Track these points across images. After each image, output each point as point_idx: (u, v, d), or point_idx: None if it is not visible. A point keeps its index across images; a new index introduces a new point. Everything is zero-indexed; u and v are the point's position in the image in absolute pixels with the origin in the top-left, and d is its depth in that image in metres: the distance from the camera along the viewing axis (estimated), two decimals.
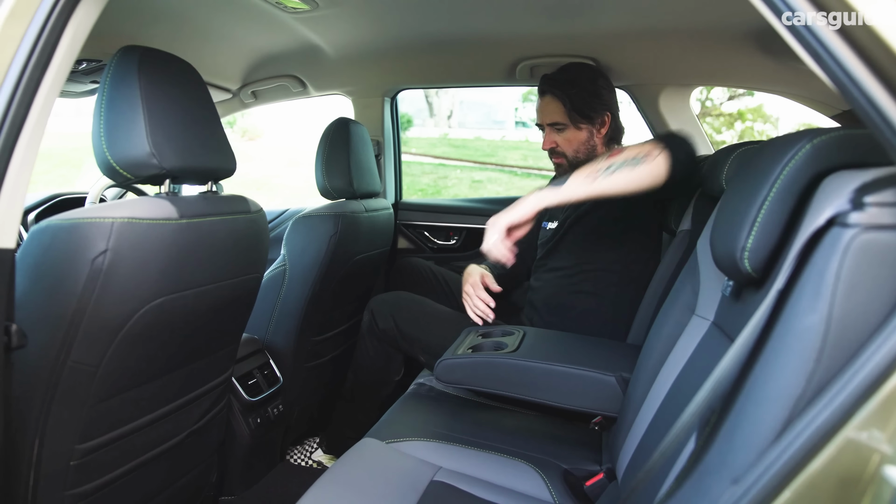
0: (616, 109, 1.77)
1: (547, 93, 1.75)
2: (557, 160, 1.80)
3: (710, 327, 1.02)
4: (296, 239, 1.81)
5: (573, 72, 1.75)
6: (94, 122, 0.99)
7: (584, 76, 1.73)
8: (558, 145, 1.76)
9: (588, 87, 1.71)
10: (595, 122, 1.72)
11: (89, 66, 1.80)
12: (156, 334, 1.02)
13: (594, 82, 1.73)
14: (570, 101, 1.70)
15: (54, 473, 0.96)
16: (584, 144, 1.74)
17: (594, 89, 1.71)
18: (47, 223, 0.90)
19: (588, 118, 1.71)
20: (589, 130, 1.73)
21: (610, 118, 1.73)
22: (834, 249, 0.57)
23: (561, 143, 1.75)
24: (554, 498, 1.20)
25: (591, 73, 1.76)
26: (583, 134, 1.73)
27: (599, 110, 1.72)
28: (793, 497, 0.53)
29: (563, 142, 1.75)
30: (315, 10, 1.66)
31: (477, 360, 1.34)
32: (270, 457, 1.83)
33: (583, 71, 1.76)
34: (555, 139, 1.76)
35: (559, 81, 1.73)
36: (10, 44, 0.71)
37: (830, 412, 0.53)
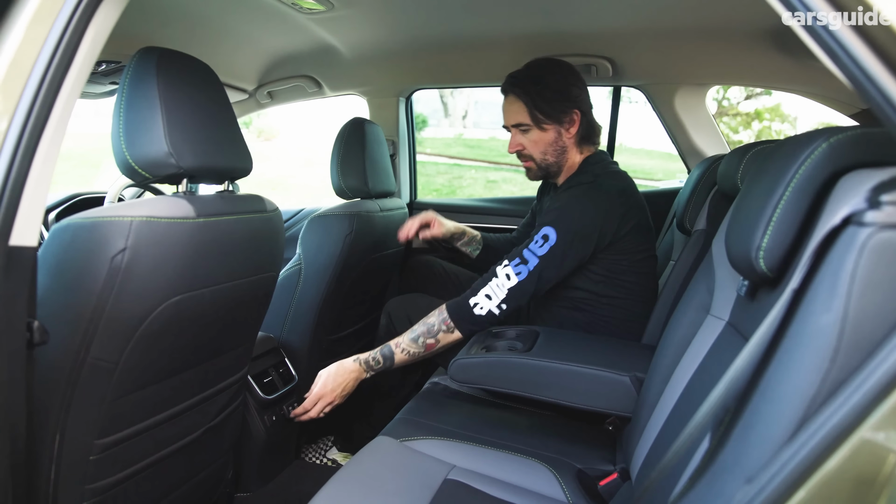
0: (588, 107, 1.65)
1: (509, 92, 1.65)
2: (526, 164, 1.71)
3: (725, 327, 1.01)
4: (311, 238, 1.83)
5: (537, 68, 1.63)
6: (114, 122, 1.01)
7: (548, 73, 1.61)
8: (525, 148, 1.67)
9: (553, 84, 1.59)
10: (563, 122, 1.61)
11: (108, 68, 1.83)
12: (173, 331, 1.03)
13: (560, 79, 1.60)
14: (532, 99, 1.60)
15: (74, 467, 0.98)
16: (552, 146, 1.64)
17: (560, 86, 1.59)
18: (68, 222, 0.92)
19: (553, 118, 1.61)
20: (556, 130, 1.62)
21: (580, 116, 1.62)
22: (849, 248, 0.56)
23: (527, 145, 1.66)
24: (568, 497, 1.20)
25: (558, 68, 1.62)
26: (549, 135, 1.63)
27: (567, 109, 1.60)
28: (807, 497, 0.53)
29: (530, 144, 1.65)
30: (330, 10, 1.67)
31: (491, 360, 1.35)
32: (285, 454, 1.85)
33: (548, 67, 1.63)
34: (520, 141, 1.67)
35: (521, 79, 1.62)
36: (34, 45, 0.73)
37: (845, 412, 0.53)
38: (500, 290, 1.47)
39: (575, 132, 1.63)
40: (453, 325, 1.51)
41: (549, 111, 1.60)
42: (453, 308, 1.53)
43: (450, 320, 1.52)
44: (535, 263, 1.46)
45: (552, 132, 1.62)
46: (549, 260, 1.46)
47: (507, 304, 1.47)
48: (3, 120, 0.72)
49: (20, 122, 0.72)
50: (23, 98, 0.72)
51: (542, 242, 1.47)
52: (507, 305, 1.47)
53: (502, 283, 1.47)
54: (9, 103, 0.72)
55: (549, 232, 1.47)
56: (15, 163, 0.71)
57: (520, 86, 1.61)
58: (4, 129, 0.72)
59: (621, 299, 1.59)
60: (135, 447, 1.09)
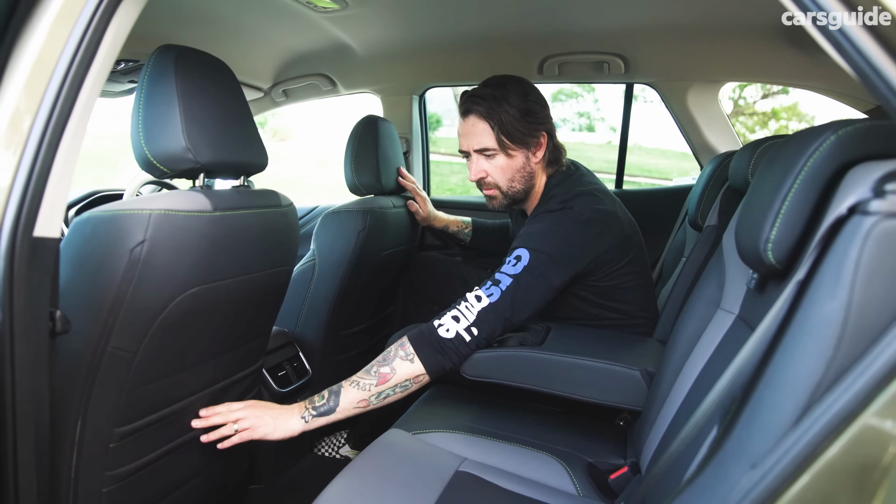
0: (552, 127, 1.53)
1: (471, 112, 1.50)
2: (489, 192, 1.58)
3: (735, 321, 1.02)
4: (325, 234, 1.85)
5: (499, 87, 1.48)
6: (133, 119, 1.03)
7: (512, 91, 1.47)
8: (488, 174, 1.54)
9: (518, 103, 1.46)
10: (530, 146, 1.50)
11: (127, 67, 1.86)
12: (190, 323, 1.06)
13: (525, 98, 1.47)
14: (499, 123, 1.46)
15: (95, 454, 1.01)
16: (520, 172, 1.52)
17: (526, 106, 1.47)
18: (89, 215, 0.94)
19: (520, 141, 1.48)
20: (524, 155, 1.51)
21: (546, 138, 1.51)
22: (854, 237, 0.57)
23: (492, 171, 1.53)
24: (578, 490, 1.21)
25: (521, 87, 1.49)
26: (517, 160, 1.51)
27: (533, 131, 1.49)
28: (810, 482, 0.54)
29: (495, 170, 1.52)
30: (344, 9, 1.69)
31: (502, 354, 1.35)
32: (299, 448, 1.87)
33: (511, 85, 1.48)
34: (483, 168, 1.53)
35: (485, 99, 1.47)
36: (57, 45, 0.75)
37: (849, 399, 0.53)
38: (470, 313, 1.31)
39: (542, 156, 1.53)
40: (412, 350, 1.30)
41: (517, 134, 1.47)
42: (414, 334, 1.32)
43: (408, 344, 1.31)
44: (509, 283, 1.33)
45: (520, 157, 1.51)
46: (523, 279, 1.34)
47: (478, 328, 1.30)
48: (27, 117, 0.74)
49: (43, 119, 0.74)
50: (46, 96, 0.74)
51: (515, 262, 1.35)
52: (479, 330, 1.30)
53: (472, 304, 1.32)
54: (33, 101, 0.74)
55: (522, 252, 1.37)
56: (39, 158, 0.74)
57: (483, 105, 1.47)
58: (28, 126, 0.74)
59: (620, 317, 1.56)
60: (152, 436, 1.12)
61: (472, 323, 1.30)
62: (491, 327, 1.31)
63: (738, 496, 0.57)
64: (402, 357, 1.30)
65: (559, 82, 2.05)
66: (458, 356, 1.30)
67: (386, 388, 1.28)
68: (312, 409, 1.28)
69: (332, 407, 1.27)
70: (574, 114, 12.36)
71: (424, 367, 1.29)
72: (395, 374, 1.28)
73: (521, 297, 1.33)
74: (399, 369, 1.29)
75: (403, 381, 1.29)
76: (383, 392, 1.29)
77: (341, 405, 1.27)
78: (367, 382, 1.29)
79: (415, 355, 1.29)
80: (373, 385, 1.28)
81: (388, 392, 1.29)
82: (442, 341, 1.29)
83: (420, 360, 1.29)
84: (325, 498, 1.05)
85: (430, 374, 1.30)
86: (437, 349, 1.30)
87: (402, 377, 1.29)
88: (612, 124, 11.29)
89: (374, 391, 1.28)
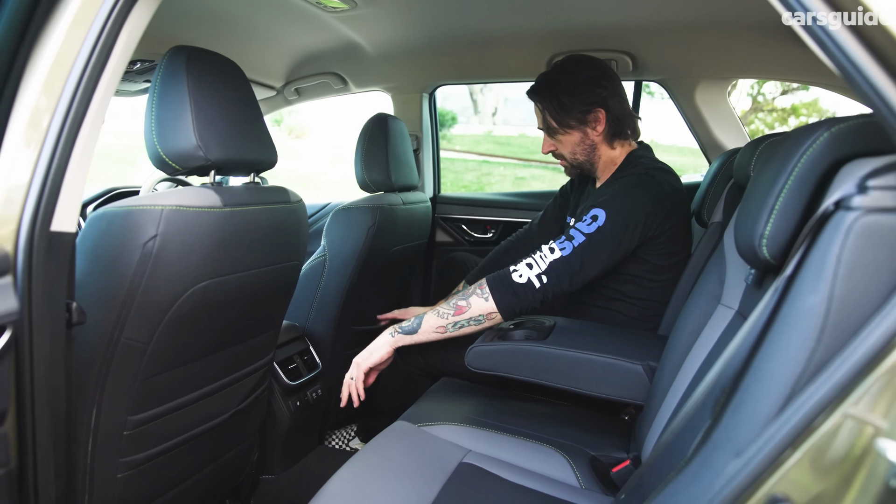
0: (615, 101, 1.59)
1: (531, 97, 1.67)
2: (561, 162, 1.73)
3: (735, 316, 1.03)
4: (335, 230, 1.88)
5: (557, 71, 1.62)
6: (146, 117, 1.07)
7: (568, 74, 1.58)
8: (556, 148, 1.68)
9: (571, 87, 1.57)
10: (586, 122, 1.60)
11: (143, 66, 1.90)
12: (201, 316, 1.09)
13: (580, 79, 1.57)
14: (549, 106, 1.60)
15: (109, 441, 1.05)
16: (580, 146, 1.64)
17: (579, 89, 1.56)
18: (104, 210, 0.98)
19: (575, 119, 1.59)
20: (581, 131, 1.61)
21: (605, 114, 1.58)
22: (837, 232, 0.58)
23: (557, 145, 1.67)
24: (580, 483, 1.23)
25: (579, 67, 1.59)
26: (575, 136, 1.62)
27: (585, 110, 1.58)
28: (791, 470, 0.56)
29: (559, 145, 1.67)
30: (354, 8, 1.71)
31: (506, 348, 1.37)
32: (309, 439, 1.91)
33: (569, 68, 1.60)
34: (552, 142, 1.68)
35: (539, 85, 1.64)
36: (73, 46, 0.78)
37: (828, 389, 0.55)
38: (542, 262, 1.39)
39: (602, 130, 1.60)
40: (488, 290, 1.41)
41: (568, 115, 1.59)
42: (492, 276, 1.43)
43: (485, 284, 1.42)
44: (581, 241, 1.40)
45: (577, 133, 1.61)
46: (595, 240, 1.40)
47: (547, 276, 1.38)
48: (45, 116, 0.77)
49: (60, 117, 0.77)
50: (63, 95, 0.78)
51: (591, 222, 1.42)
52: (548, 279, 1.38)
53: (545, 255, 1.40)
54: (51, 101, 0.77)
55: (599, 213, 1.42)
56: (56, 155, 0.77)
57: (538, 92, 1.63)
58: (46, 124, 0.77)
59: (658, 304, 1.58)
60: (166, 425, 1.15)
61: (543, 271, 1.38)
62: (558, 278, 1.39)
63: (722, 482, 0.59)
64: (478, 294, 1.41)
65: None
66: (527, 300, 1.39)
67: (462, 318, 1.41)
68: (399, 328, 1.46)
69: (415, 328, 1.44)
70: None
71: (497, 306, 1.39)
72: (471, 308, 1.40)
73: (591, 255, 1.40)
74: (474, 304, 1.40)
75: (477, 316, 1.41)
76: (459, 322, 1.42)
77: (423, 327, 1.44)
78: (446, 311, 1.42)
79: (489, 294, 1.40)
80: (450, 314, 1.42)
81: (464, 323, 1.42)
82: (514, 285, 1.39)
83: (493, 299, 1.39)
84: (330, 487, 1.08)
85: (502, 314, 1.40)
86: (509, 291, 1.39)
87: (476, 312, 1.40)
88: None
89: (450, 320, 1.42)
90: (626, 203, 1.43)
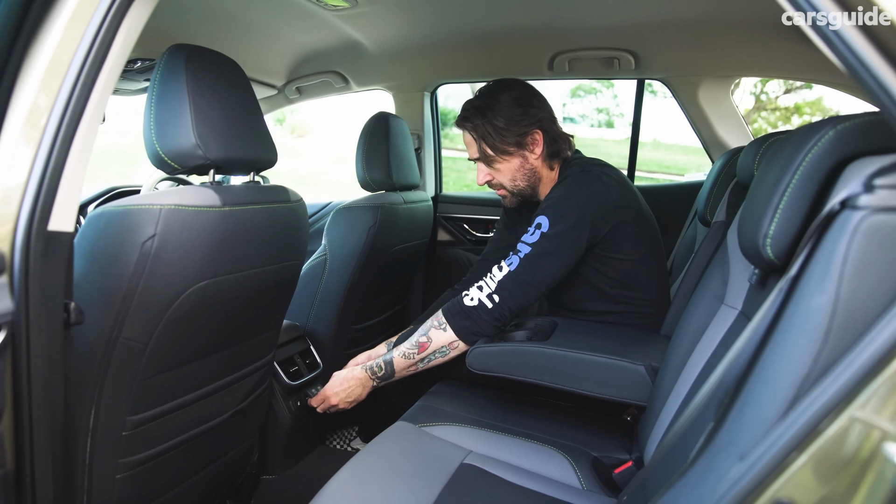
0: (549, 121, 1.55)
1: (462, 126, 1.58)
2: (499, 192, 1.65)
3: (738, 316, 1.02)
4: (336, 229, 1.87)
5: (486, 96, 1.54)
6: (145, 116, 1.06)
7: (497, 99, 1.51)
8: (493, 177, 1.60)
9: (504, 110, 1.50)
10: (524, 146, 1.54)
11: (143, 65, 1.90)
12: (200, 315, 1.08)
13: (512, 101, 1.51)
14: (483, 133, 1.53)
15: (108, 441, 1.04)
16: (520, 171, 1.57)
17: (512, 111, 1.50)
18: (102, 210, 0.97)
19: (511, 145, 1.53)
20: (520, 155, 1.55)
21: (542, 135, 1.53)
22: (843, 231, 0.57)
23: (494, 174, 1.59)
24: (582, 484, 1.22)
25: (507, 89, 1.53)
26: (514, 161, 1.56)
27: (524, 132, 1.52)
28: (796, 474, 0.55)
29: (497, 173, 1.59)
30: (355, 7, 1.71)
31: (508, 349, 1.36)
32: (310, 439, 1.90)
33: (497, 91, 1.53)
34: (486, 172, 1.60)
35: (469, 112, 1.54)
36: (71, 44, 0.77)
37: (835, 391, 0.54)
38: (492, 282, 1.40)
39: (540, 152, 1.55)
40: (444, 320, 1.43)
41: (505, 141, 1.52)
42: (446, 305, 1.46)
43: (441, 315, 1.44)
44: (527, 252, 1.39)
45: (516, 158, 1.55)
46: (542, 246, 1.39)
47: (499, 295, 1.38)
48: (43, 115, 0.77)
49: (58, 115, 0.77)
50: (60, 93, 0.77)
51: (534, 230, 1.41)
52: (500, 297, 1.38)
53: (494, 275, 1.41)
54: (48, 99, 0.77)
55: (542, 220, 1.41)
56: (53, 154, 0.76)
57: (469, 120, 1.55)
58: (44, 123, 0.77)
59: (634, 303, 1.56)
60: (165, 425, 1.15)
61: (493, 290, 1.40)
62: (511, 293, 1.39)
63: (726, 486, 0.58)
64: (435, 327, 1.44)
65: (570, 78, 2.04)
66: (483, 322, 1.40)
67: (426, 354, 1.44)
68: (376, 379, 1.52)
69: (390, 373, 1.50)
70: (593, 110, 12.30)
71: (456, 334, 1.42)
72: (432, 342, 1.43)
73: (540, 263, 1.39)
74: (434, 338, 1.43)
75: (440, 348, 1.44)
76: (425, 357, 1.45)
77: (397, 372, 1.49)
78: (411, 352, 1.46)
79: (446, 324, 1.43)
80: (415, 353, 1.45)
81: (430, 357, 1.45)
82: (467, 309, 1.41)
83: (451, 328, 1.42)
84: (330, 487, 1.07)
85: (462, 340, 1.42)
86: (464, 316, 1.41)
87: (438, 344, 1.43)
88: (630, 120, 11.25)
89: (416, 358, 1.45)
90: (568, 203, 1.42)
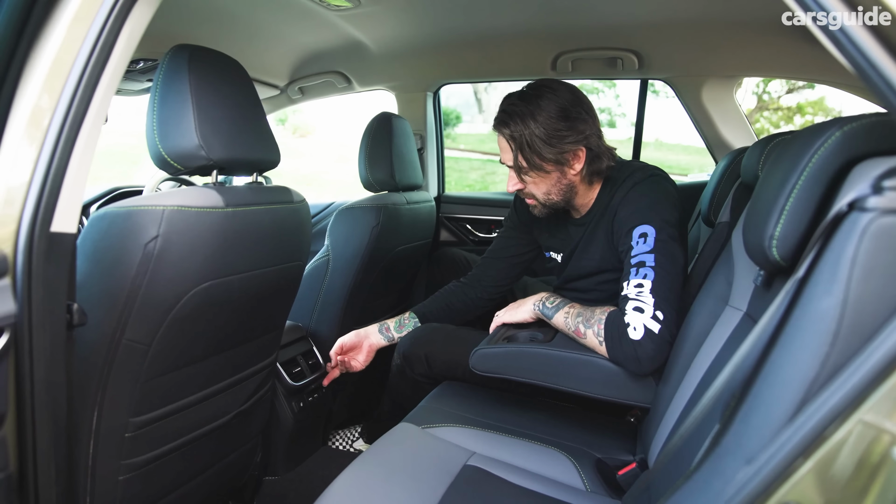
0: (594, 137, 1.40)
1: (499, 130, 1.43)
2: (529, 201, 1.53)
3: (743, 317, 1.02)
4: (339, 230, 1.87)
5: (533, 100, 1.37)
6: (148, 117, 1.06)
7: (545, 108, 1.36)
8: (525, 186, 1.47)
9: (549, 123, 1.35)
10: (564, 163, 1.40)
11: (146, 66, 1.90)
12: (203, 316, 1.08)
13: (559, 114, 1.36)
14: (520, 147, 1.39)
15: (111, 443, 1.04)
16: (556, 186, 1.44)
17: (552, 126, 1.36)
18: (105, 210, 0.97)
19: (553, 161, 1.39)
20: (559, 171, 1.42)
21: (585, 152, 1.40)
22: (851, 233, 0.57)
23: (528, 184, 1.46)
24: (586, 485, 1.22)
25: (558, 100, 1.37)
26: (551, 177, 1.43)
27: (566, 148, 1.38)
28: (804, 478, 0.54)
29: (530, 184, 1.46)
30: (357, 7, 1.70)
31: (511, 350, 1.36)
32: (313, 440, 1.90)
33: (546, 98, 1.37)
34: (518, 182, 1.47)
35: (511, 117, 1.39)
36: (74, 45, 0.77)
37: (843, 394, 0.53)
38: (647, 298, 1.22)
39: (580, 169, 1.42)
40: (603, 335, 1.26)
41: (543, 158, 1.39)
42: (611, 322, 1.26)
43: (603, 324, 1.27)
44: (653, 258, 1.26)
45: (554, 173, 1.42)
46: (661, 249, 1.27)
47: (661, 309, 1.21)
48: (45, 116, 0.76)
49: (60, 116, 0.76)
50: (63, 94, 0.77)
51: (644, 240, 1.29)
52: (663, 312, 1.21)
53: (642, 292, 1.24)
54: (51, 100, 0.76)
55: (645, 229, 1.31)
56: (56, 154, 0.76)
57: (508, 125, 1.40)
58: (46, 124, 0.76)
59: None
60: (168, 427, 1.15)
61: (654, 307, 1.21)
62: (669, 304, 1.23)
63: (732, 490, 0.58)
64: (593, 333, 1.28)
65: (573, 79, 2.03)
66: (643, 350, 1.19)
67: (577, 338, 1.35)
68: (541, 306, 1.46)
69: (550, 315, 1.43)
70: (595, 109, 12.28)
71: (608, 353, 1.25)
72: (586, 338, 1.31)
73: (670, 267, 1.27)
74: (589, 337, 1.30)
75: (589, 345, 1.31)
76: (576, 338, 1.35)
77: (554, 320, 1.42)
78: (570, 322, 1.36)
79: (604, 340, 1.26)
80: (570, 330, 1.36)
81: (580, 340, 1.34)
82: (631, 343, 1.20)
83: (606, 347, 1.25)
84: (334, 489, 1.07)
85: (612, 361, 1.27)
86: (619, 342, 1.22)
87: (589, 344, 1.31)
88: (633, 120, 11.24)
89: (570, 333, 1.36)
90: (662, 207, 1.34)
